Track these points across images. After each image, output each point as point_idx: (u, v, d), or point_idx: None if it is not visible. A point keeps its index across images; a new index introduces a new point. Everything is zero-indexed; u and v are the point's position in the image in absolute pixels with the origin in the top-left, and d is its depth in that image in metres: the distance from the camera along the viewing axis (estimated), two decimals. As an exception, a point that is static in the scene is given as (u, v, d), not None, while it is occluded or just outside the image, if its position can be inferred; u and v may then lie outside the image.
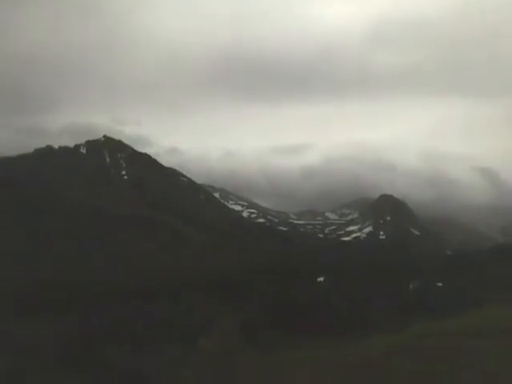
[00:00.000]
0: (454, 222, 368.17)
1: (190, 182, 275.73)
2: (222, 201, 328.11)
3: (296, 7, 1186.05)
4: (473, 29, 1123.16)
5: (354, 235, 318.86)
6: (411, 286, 63.76)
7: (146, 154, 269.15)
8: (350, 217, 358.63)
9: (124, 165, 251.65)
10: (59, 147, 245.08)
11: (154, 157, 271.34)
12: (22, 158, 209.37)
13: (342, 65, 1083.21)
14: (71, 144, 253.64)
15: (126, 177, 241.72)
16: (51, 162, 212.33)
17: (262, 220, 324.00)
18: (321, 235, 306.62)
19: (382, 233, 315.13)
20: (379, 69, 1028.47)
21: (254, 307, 54.62)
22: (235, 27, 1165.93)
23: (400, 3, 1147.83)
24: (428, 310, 51.52)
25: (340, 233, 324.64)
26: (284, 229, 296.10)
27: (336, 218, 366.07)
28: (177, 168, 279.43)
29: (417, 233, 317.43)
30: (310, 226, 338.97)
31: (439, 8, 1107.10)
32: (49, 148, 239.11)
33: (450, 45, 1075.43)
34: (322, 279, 70.29)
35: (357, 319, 47.79)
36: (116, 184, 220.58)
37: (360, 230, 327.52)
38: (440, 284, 63.74)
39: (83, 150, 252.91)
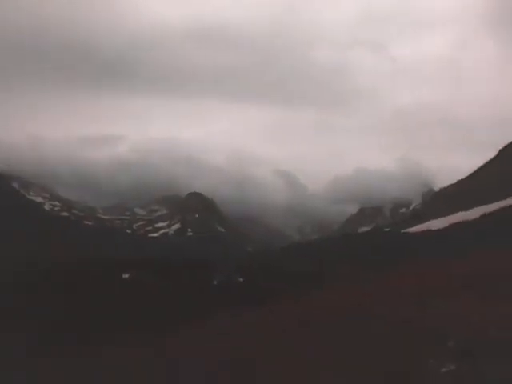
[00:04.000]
0: (257, 220, 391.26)
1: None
2: (22, 191, 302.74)
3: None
4: (287, 38, 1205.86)
5: (162, 231, 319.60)
6: (215, 281, 65.82)
7: None
8: (158, 213, 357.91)
9: None
10: None
11: None
12: None
13: (159, 60, 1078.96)
14: None
15: None
16: None
17: (65, 214, 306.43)
18: (129, 231, 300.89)
19: (189, 229, 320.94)
20: (197, 68, 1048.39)
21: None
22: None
23: (222, 6, 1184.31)
24: (230, 304, 53.61)
25: (148, 229, 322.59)
26: (89, 223, 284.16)
27: (145, 213, 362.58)
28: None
29: (222, 230, 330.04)
30: (118, 221, 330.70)
31: (258, 17, 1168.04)
32: None
33: (264, 52, 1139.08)
34: (127, 276, 68.72)
35: (158, 316, 47.66)
36: None
37: (168, 226, 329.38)
38: (241, 279, 66.88)
39: None
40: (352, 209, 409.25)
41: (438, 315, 14.77)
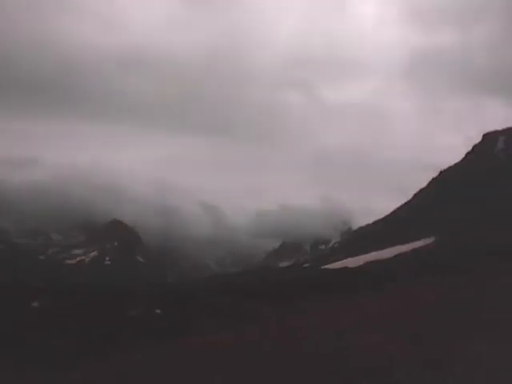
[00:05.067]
0: (179, 251, 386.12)
1: None
2: None
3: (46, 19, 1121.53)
4: (219, 72, 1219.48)
5: (78, 258, 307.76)
6: (131, 312, 64.02)
7: None
8: (76, 239, 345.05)
9: None
10: None
11: None
12: None
13: (88, 85, 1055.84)
14: None
15: None
16: None
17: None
18: (42, 256, 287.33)
19: (107, 258, 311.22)
20: (124, 95, 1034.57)
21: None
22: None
23: (155, 37, 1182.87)
24: (146, 336, 52.35)
25: (64, 255, 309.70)
26: (1, 247, 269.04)
27: (61, 239, 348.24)
28: None
29: (142, 260, 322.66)
30: (33, 246, 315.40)
31: (193, 48, 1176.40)
32: None
33: (196, 84, 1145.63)
34: (36, 303, 65.47)
35: (61, 348, 45.69)
36: None
37: (85, 253, 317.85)
38: (158, 311, 65.53)
39: None
40: (274, 243, 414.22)
41: (347, 350, 15.37)
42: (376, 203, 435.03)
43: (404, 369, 13.37)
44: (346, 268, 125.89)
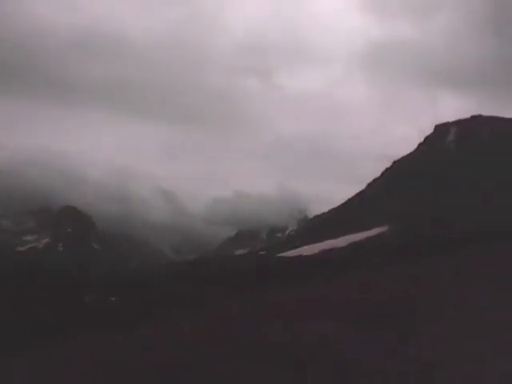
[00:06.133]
0: (135, 238, 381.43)
1: None
2: None
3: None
4: (178, 56, 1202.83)
5: (29, 245, 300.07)
6: (86, 299, 63.17)
7: None
8: (27, 225, 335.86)
9: None
10: None
11: None
12: None
13: (43, 66, 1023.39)
14: None
15: None
16: None
17: None
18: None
19: (60, 244, 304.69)
20: (83, 78, 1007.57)
21: None
22: None
23: (115, 21, 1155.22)
24: (101, 324, 51.70)
25: (15, 242, 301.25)
26: None
27: (11, 225, 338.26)
28: None
29: (97, 247, 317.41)
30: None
31: (153, 30, 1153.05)
32: None
33: (155, 68, 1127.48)
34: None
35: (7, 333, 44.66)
36: None
37: (37, 240, 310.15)
38: (113, 298, 64.85)
39: None
40: (230, 231, 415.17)
41: (300, 338, 15.56)
42: (332, 192, 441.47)
43: (355, 355, 13.66)
44: (301, 256, 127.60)
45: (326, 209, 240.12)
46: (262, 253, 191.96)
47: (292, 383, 12.30)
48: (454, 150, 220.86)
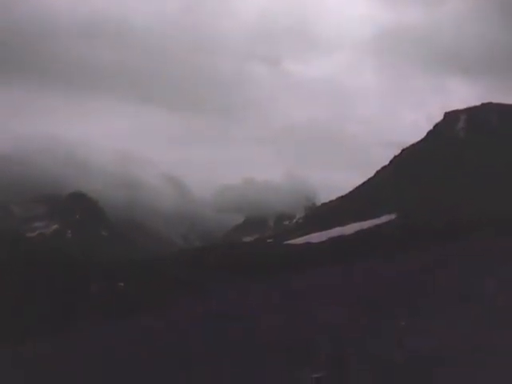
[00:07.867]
0: (142, 225, 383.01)
1: None
2: None
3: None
4: (185, 42, 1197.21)
5: (38, 231, 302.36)
6: (93, 286, 63.63)
7: None
8: (36, 212, 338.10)
9: None
10: None
11: None
12: None
13: (48, 53, 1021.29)
14: None
15: None
16: None
17: None
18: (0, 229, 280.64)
19: (69, 231, 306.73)
20: (89, 65, 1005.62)
21: None
22: None
23: (118, 5, 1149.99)
24: (112, 310, 52.08)
25: (24, 228, 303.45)
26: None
27: (21, 211, 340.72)
28: None
29: (105, 234, 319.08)
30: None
31: (160, 15, 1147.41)
32: None
33: (162, 54, 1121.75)
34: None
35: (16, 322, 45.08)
36: None
37: (46, 226, 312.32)
38: (122, 284, 65.25)
39: None
40: (237, 218, 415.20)
41: (309, 325, 15.46)
42: (340, 179, 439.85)
43: (359, 342, 13.58)
44: (309, 243, 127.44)
45: (334, 196, 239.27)
46: (269, 240, 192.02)
47: (294, 368, 12.19)
48: (464, 137, 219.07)
